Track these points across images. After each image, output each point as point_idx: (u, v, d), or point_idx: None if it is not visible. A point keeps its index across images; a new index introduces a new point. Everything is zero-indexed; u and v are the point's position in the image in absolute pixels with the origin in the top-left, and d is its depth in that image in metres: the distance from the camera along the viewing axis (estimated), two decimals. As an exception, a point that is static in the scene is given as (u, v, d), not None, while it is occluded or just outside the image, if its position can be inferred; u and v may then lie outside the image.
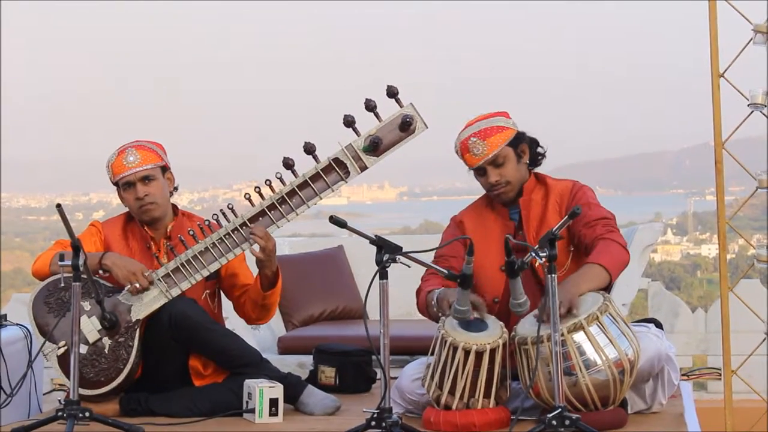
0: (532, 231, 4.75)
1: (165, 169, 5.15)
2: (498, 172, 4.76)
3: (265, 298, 5.07)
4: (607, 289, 4.58)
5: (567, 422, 4.07)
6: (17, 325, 5.31)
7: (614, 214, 4.74)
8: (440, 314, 4.65)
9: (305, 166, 4.80)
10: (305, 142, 4.74)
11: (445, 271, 4.43)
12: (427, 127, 4.77)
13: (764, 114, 5.42)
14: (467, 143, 4.75)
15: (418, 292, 4.85)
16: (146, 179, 5.06)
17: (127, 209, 5.21)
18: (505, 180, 4.76)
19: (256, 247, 4.88)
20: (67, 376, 4.75)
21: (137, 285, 4.86)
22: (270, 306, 5.14)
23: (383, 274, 4.22)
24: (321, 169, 4.79)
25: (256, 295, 5.07)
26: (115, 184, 5.12)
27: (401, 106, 4.71)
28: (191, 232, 4.89)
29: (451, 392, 4.48)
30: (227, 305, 5.33)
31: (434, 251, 4.74)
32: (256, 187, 4.85)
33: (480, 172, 4.79)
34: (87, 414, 4.40)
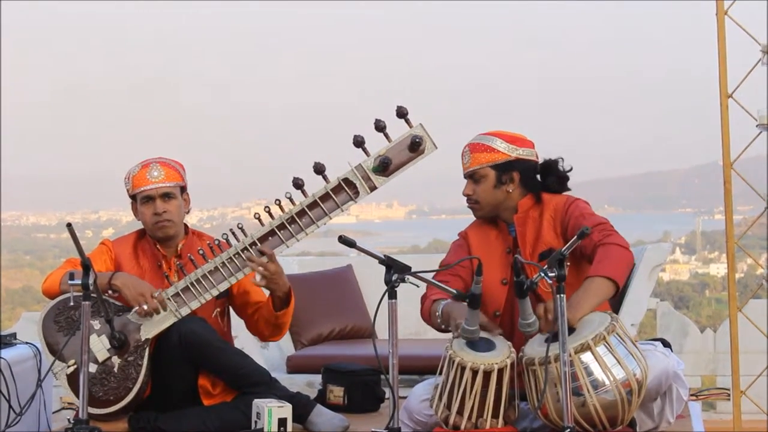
0: (528, 247, 4.75)
1: (183, 189, 5.18)
2: (472, 187, 4.81)
3: (278, 318, 5.09)
4: (618, 296, 4.56)
5: (575, 442, 4.07)
6: (27, 343, 5.31)
7: (607, 219, 4.73)
8: (443, 326, 4.66)
9: (315, 186, 4.81)
10: (315, 163, 4.75)
11: (454, 291, 4.43)
12: (436, 148, 4.77)
13: (773, 134, 5.43)
14: (463, 150, 4.84)
15: (424, 298, 4.85)
16: (166, 196, 5.08)
17: (137, 227, 5.22)
18: (475, 197, 4.80)
19: (257, 276, 4.89)
20: (77, 394, 4.76)
21: (145, 308, 4.87)
22: (283, 325, 5.16)
23: (392, 294, 4.22)
24: (330, 189, 4.80)
25: (268, 315, 5.09)
26: (132, 197, 5.13)
27: (411, 127, 4.72)
28: (201, 252, 4.90)
29: (460, 412, 4.47)
30: (237, 324, 5.34)
31: (441, 264, 4.79)
32: (265, 207, 4.86)
33: (466, 180, 4.84)
34: (96, 433, 4.40)
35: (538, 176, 4.84)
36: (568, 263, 4.62)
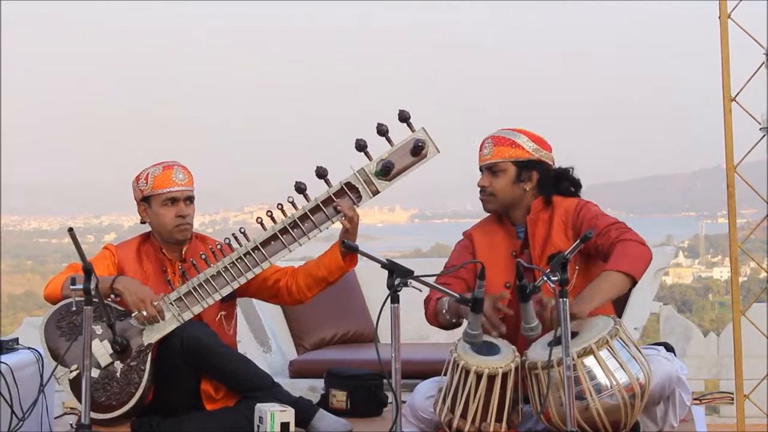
0: (537, 249, 4.74)
1: None
2: (489, 179, 4.79)
3: (342, 269, 4.97)
4: (625, 300, 4.56)
5: (579, 446, 4.06)
6: (29, 348, 5.32)
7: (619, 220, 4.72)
8: (453, 320, 4.65)
9: (317, 190, 4.81)
10: (317, 167, 4.74)
11: (457, 295, 4.42)
12: (438, 152, 4.77)
13: (776, 138, 5.42)
14: (483, 142, 4.82)
15: (427, 300, 4.84)
16: (189, 200, 5.11)
17: (139, 232, 5.21)
18: (491, 190, 4.78)
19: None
20: (79, 399, 4.74)
21: (144, 314, 4.85)
22: (331, 283, 5.06)
23: (395, 298, 4.21)
24: (333, 193, 4.80)
25: (335, 266, 4.96)
26: (146, 198, 5.10)
27: (413, 131, 4.72)
28: (203, 256, 4.90)
29: (463, 416, 4.46)
30: (241, 329, 5.32)
31: (445, 266, 4.79)
32: (268, 211, 4.85)
33: (481, 172, 4.83)
34: (98, 438, 4.40)
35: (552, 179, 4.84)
36: (577, 266, 4.63)
